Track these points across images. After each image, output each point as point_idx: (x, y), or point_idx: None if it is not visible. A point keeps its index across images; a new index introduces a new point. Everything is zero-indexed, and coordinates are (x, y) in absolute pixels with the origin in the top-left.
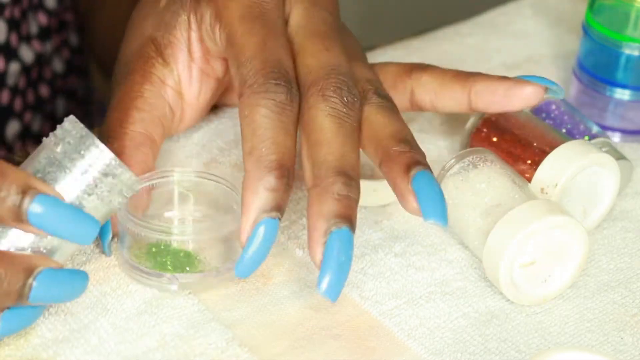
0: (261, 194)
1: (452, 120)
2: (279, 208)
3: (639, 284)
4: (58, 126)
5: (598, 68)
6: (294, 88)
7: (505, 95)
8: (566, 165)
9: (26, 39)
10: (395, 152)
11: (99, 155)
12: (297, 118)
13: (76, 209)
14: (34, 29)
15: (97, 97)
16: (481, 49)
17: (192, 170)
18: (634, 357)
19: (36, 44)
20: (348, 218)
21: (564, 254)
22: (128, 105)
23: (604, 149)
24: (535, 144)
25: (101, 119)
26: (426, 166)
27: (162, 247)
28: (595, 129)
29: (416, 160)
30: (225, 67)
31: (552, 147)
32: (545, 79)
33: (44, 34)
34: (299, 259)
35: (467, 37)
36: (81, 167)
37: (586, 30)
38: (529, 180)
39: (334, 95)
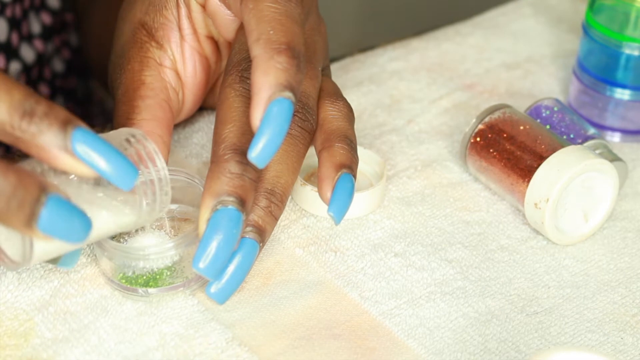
0: (272, 72)
1: (452, 121)
2: (292, 89)
3: (639, 284)
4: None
5: (598, 68)
6: None
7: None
8: (555, 178)
9: (27, 38)
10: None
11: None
12: (303, 11)
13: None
14: (36, 28)
15: (97, 97)
16: (481, 49)
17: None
18: (634, 357)
19: (38, 44)
20: (237, 197)
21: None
22: (132, 96)
23: (598, 151)
24: (534, 150)
25: (101, 119)
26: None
27: (132, 274)
28: (591, 130)
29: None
30: (214, 47)
31: (552, 152)
32: (343, 201)
33: (47, 33)
34: (298, 258)
35: (467, 37)
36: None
37: (586, 30)
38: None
39: (248, 77)
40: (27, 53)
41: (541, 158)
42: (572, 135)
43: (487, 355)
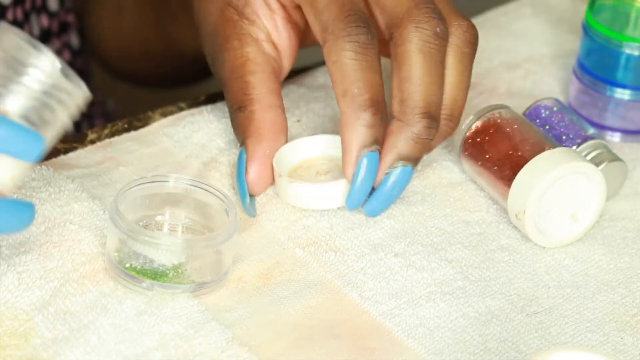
0: (360, 131)
1: None
2: (377, 142)
3: (639, 284)
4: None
5: (598, 68)
6: (372, 26)
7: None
8: (528, 190)
9: None
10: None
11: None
12: (379, 54)
13: (16, 124)
14: (36, 31)
15: (98, 97)
16: (481, 49)
17: (186, 177)
18: (634, 357)
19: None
20: (416, 159)
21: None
22: (241, 73)
23: (598, 151)
24: (514, 159)
25: (101, 119)
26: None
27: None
28: (591, 130)
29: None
30: (303, 13)
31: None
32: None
33: (45, 36)
34: (298, 258)
35: None
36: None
37: (586, 30)
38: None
39: (427, 28)
40: None
41: (519, 167)
42: (571, 135)
43: (487, 355)
